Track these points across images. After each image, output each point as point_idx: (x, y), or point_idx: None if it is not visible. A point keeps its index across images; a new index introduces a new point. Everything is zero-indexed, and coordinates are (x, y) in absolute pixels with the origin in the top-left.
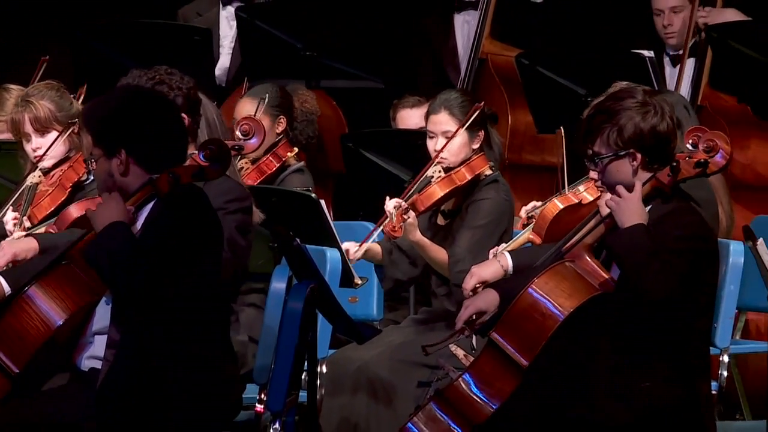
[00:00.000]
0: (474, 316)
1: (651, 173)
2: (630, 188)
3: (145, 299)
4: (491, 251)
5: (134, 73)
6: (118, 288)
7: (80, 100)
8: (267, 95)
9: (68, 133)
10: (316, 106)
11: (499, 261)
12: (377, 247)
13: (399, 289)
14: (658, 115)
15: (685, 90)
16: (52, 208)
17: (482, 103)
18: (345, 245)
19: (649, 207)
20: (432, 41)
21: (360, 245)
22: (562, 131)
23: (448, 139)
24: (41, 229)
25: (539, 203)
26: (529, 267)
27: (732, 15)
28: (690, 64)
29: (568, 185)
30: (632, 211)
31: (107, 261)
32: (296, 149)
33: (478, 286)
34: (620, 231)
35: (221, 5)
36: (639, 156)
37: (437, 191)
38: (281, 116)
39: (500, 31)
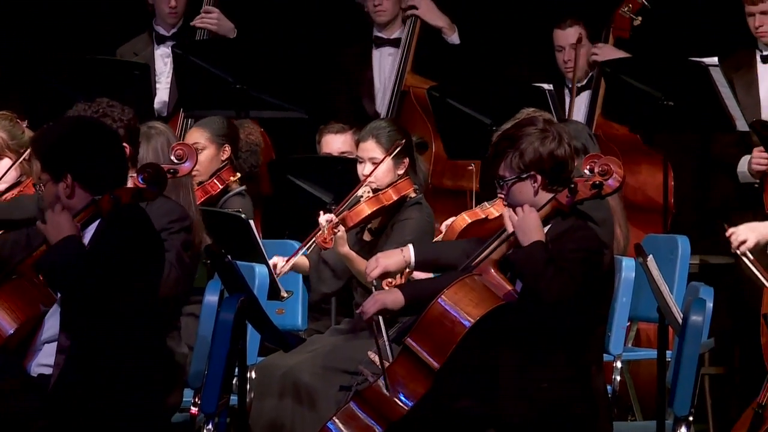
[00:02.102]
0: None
1: (551, 194)
2: (531, 208)
3: (93, 306)
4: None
5: (79, 106)
6: (68, 295)
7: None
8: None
9: (20, 159)
10: (260, 138)
11: (403, 253)
12: (305, 261)
13: (324, 301)
14: (556, 141)
15: (581, 119)
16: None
17: (404, 140)
18: (273, 260)
19: (549, 225)
20: (351, 74)
21: (288, 260)
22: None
23: (375, 165)
24: None
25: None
26: (431, 262)
27: (620, 52)
28: (585, 96)
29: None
30: (532, 229)
31: (60, 270)
32: (239, 174)
33: (382, 274)
34: (521, 247)
35: (155, 45)
36: (539, 178)
37: (365, 209)
38: (226, 145)
39: (420, 66)
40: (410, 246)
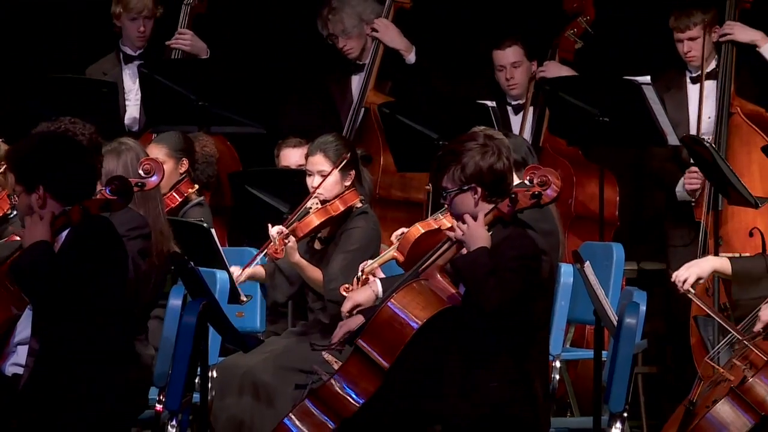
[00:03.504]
0: (347, 336)
1: (492, 204)
2: (474, 217)
3: (60, 309)
4: (360, 266)
5: (43, 125)
6: (36, 296)
7: None
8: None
9: None
10: (214, 149)
11: (372, 288)
12: (261, 270)
13: (280, 306)
14: (496, 155)
15: (528, 134)
16: None
17: (349, 154)
18: (231, 269)
19: (490, 233)
20: (333, 97)
21: (243, 270)
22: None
23: (320, 174)
24: None
25: (405, 229)
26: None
27: (567, 72)
28: (530, 111)
29: (433, 214)
30: (476, 237)
31: (29, 272)
32: (197, 186)
33: (353, 308)
34: (464, 255)
35: (123, 64)
36: (480, 190)
37: (314, 220)
38: (184, 158)
39: (382, 84)
40: (377, 281)
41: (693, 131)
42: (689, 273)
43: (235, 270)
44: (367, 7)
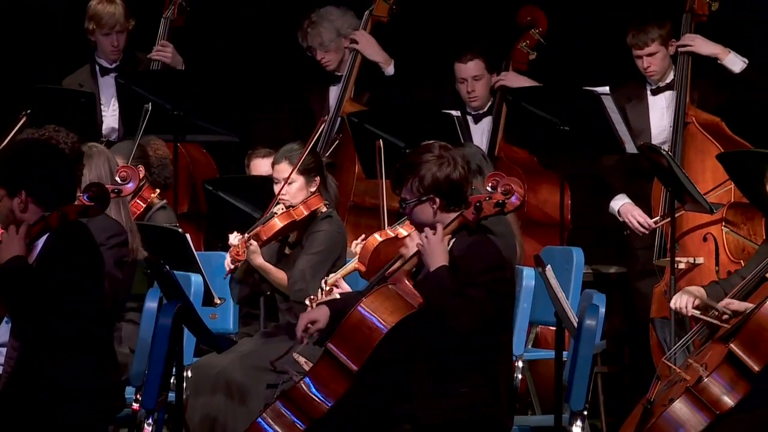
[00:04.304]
0: (309, 325)
1: (451, 213)
2: (433, 227)
3: (38, 315)
4: (323, 280)
5: (28, 131)
6: (13, 308)
7: None
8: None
9: None
10: (167, 151)
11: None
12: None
13: (251, 308)
14: (452, 166)
15: (484, 143)
16: None
17: (313, 161)
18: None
19: (454, 239)
20: (312, 107)
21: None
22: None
23: (284, 180)
24: None
25: (362, 240)
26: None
27: (525, 81)
28: (486, 121)
29: (395, 223)
30: (435, 252)
31: (5, 288)
32: (158, 191)
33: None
34: (427, 275)
35: (99, 76)
36: (438, 200)
37: (277, 223)
38: (140, 166)
39: (360, 95)
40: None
41: (655, 141)
42: (686, 298)
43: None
44: (344, 22)
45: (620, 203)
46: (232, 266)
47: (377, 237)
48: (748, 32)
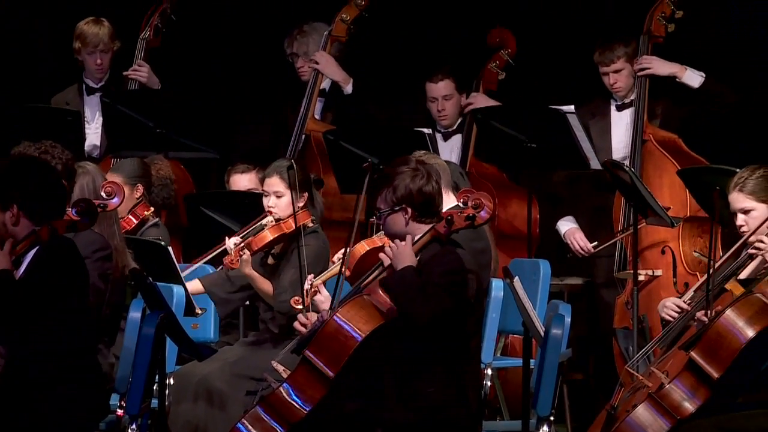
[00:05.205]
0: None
1: (425, 224)
2: (403, 239)
3: (26, 323)
4: (306, 281)
5: (25, 143)
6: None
7: None
8: None
9: None
10: (170, 171)
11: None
12: (199, 285)
13: (232, 318)
14: (425, 178)
15: (454, 159)
16: None
17: (303, 176)
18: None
19: (425, 250)
20: (288, 122)
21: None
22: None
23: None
24: None
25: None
26: None
27: (493, 103)
28: (457, 138)
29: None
30: (403, 256)
31: None
32: (152, 208)
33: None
34: (394, 272)
35: (85, 95)
36: (410, 211)
37: (268, 235)
38: (138, 184)
39: (324, 113)
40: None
41: (616, 157)
42: (669, 303)
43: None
44: None
45: (566, 227)
46: None
47: (364, 245)
48: (704, 48)
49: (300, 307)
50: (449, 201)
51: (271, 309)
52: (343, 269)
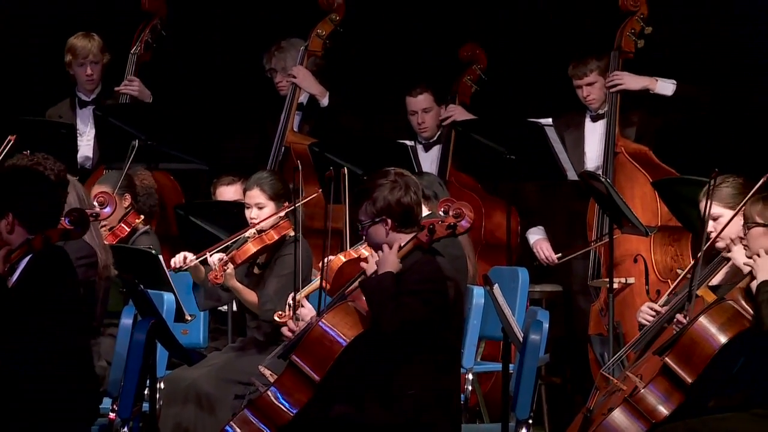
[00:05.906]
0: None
1: (404, 234)
2: (390, 246)
3: (18, 329)
4: (289, 297)
5: (18, 155)
6: None
7: None
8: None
9: None
10: (152, 181)
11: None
12: (202, 270)
13: (220, 324)
14: (403, 190)
15: (434, 170)
16: None
17: (283, 188)
18: (184, 254)
19: (407, 258)
20: (269, 134)
21: (195, 257)
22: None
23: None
24: None
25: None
26: None
27: (471, 116)
28: (436, 149)
29: (356, 244)
30: (388, 262)
31: None
32: (142, 216)
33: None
34: (372, 276)
35: (78, 108)
36: (390, 221)
37: (251, 248)
38: (126, 194)
39: (302, 126)
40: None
41: (589, 167)
42: (646, 308)
43: (189, 254)
44: None
45: (535, 237)
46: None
47: (341, 257)
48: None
49: (284, 321)
50: (424, 211)
51: (257, 317)
52: (324, 284)
